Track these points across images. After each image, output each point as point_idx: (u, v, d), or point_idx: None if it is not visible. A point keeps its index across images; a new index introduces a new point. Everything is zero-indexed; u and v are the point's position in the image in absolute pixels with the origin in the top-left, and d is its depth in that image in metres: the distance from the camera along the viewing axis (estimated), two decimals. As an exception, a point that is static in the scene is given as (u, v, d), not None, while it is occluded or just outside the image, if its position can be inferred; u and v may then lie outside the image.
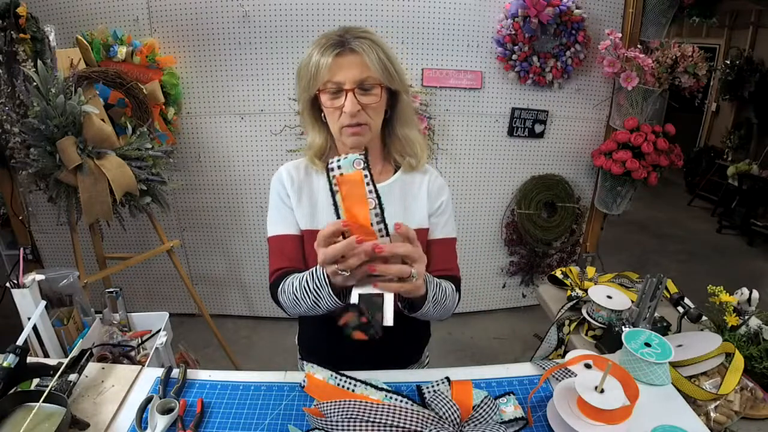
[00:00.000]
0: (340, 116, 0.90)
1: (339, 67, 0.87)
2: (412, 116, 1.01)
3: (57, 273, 1.27)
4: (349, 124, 0.90)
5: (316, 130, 0.99)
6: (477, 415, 0.86)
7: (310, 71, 0.89)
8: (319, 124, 0.99)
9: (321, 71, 0.87)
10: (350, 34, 0.88)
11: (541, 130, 2.58)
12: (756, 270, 3.85)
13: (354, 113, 0.88)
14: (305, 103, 0.96)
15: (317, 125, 0.99)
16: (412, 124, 1.01)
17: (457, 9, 2.31)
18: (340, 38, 0.87)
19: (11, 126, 1.62)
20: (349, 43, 0.87)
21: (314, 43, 0.90)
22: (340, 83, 0.87)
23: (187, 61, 2.33)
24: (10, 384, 0.86)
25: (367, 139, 0.94)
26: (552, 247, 2.84)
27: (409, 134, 1.00)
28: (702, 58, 2.34)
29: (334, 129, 0.94)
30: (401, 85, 0.94)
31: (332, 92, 0.89)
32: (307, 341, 1.17)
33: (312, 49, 0.90)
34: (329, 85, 0.88)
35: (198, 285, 2.78)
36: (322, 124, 0.98)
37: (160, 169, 1.83)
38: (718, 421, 0.98)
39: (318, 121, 0.98)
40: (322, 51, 0.87)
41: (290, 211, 1.00)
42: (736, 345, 1.10)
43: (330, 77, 0.87)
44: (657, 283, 1.18)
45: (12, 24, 1.66)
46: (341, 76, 0.87)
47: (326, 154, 1.01)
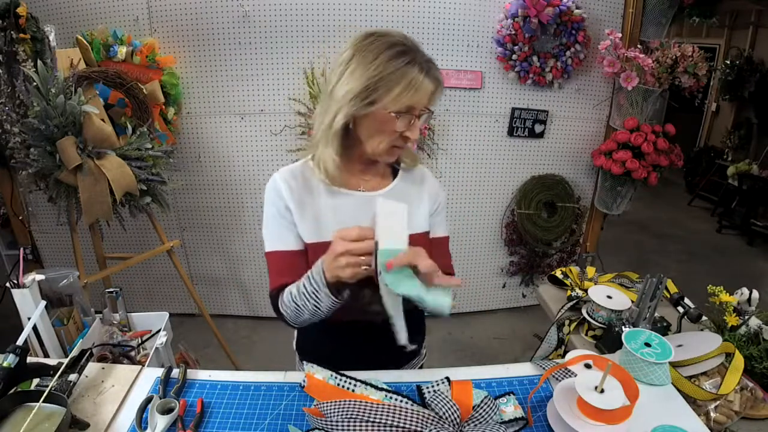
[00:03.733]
0: (397, 138, 0.88)
1: (430, 93, 0.85)
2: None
3: (57, 273, 1.27)
4: (402, 145, 0.89)
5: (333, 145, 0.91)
6: (477, 415, 0.86)
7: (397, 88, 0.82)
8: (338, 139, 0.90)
9: (420, 93, 0.84)
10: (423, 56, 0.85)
11: (541, 130, 2.58)
12: (756, 270, 3.85)
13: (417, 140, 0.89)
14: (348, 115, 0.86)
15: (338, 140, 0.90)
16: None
17: (457, 9, 2.31)
18: (424, 58, 0.85)
19: (11, 126, 1.62)
20: (433, 72, 0.85)
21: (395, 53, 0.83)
22: (415, 107, 0.85)
23: (187, 61, 2.33)
24: (10, 384, 0.86)
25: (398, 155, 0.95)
26: (552, 247, 2.84)
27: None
28: (702, 58, 2.34)
29: (378, 147, 0.89)
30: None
31: (407, 115, 0.86)
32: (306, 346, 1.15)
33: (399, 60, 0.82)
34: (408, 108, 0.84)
35: (198, 285, 2.78)
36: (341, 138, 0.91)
37: (160, 169, 1.83)
38: (718, 421, 0.98)
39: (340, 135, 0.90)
40: (425, 71, 0.83)
41: (291, 226, 0.95)
42: (736, 345, 1.10)
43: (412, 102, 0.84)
44: (657, 283, 1.18)
45: (12, 24, 1.66)
46: (420, 102, 0.85)
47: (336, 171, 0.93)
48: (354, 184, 0.97)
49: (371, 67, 0.83)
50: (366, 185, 0.98)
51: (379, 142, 0.89)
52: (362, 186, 0.98)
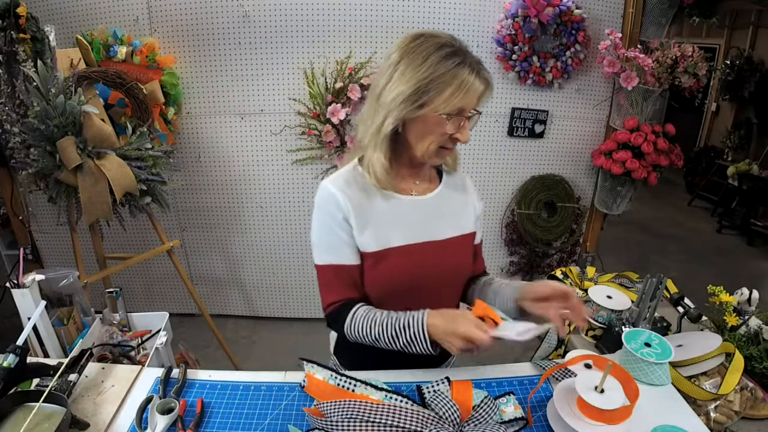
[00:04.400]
0: (446, 139, 0.88)
1: (480, 94, 0.86)
2: None
3: (57, 273, 1.27)
4: (452, 147, 0.90)
5: (382, 149, 0.90)
6: (477, 415, 0.86)
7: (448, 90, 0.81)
8: (388, 142, 0.90)
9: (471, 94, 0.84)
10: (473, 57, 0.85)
11: (541, 130, 2.58)
12: (756, 270, 3.85)
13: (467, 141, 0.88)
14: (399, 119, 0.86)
15: (387, 143, 0.89)
16: None
17: (457, 9, 2.31)
18: (473, 59, 0.84)
19: (11, 126, 1.62)
20: (483, 73, 0.85)
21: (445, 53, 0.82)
22: (466, 109, 0.85)
23: (187, 61, 2.33)
24: (10, 384, 0.86)
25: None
26: (552, 247, 2.84)
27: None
28: (702, 58, 2.34)
29: (427, 149, 0.88)
30: None
31: (458, 117, 0.85)
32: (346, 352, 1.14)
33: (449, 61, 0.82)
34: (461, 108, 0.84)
35: (198, 285, 2.78)
36: (390, 142, 0.90)
37: (160, 169, 1.83)
38: (718, 421, 0.98)
39: (389, 138, 0.89)
40: (475, 72, 0.83)
41: (348, 238, 0.92)
42: (736, 345, 1.10)
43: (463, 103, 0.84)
44: (657, 283, 1.18)
45: (12, 24, 1.66)
46: (471, 104, 0.85)
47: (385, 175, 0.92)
48: (405, 188, 0.97)
49: (421, 69, 0.82)
50: (416, 189, 0.99)
51: (428, 144, 0.88)
52: (413, 190, 0.98)
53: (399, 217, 0.95)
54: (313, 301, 2.82)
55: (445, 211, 0.99)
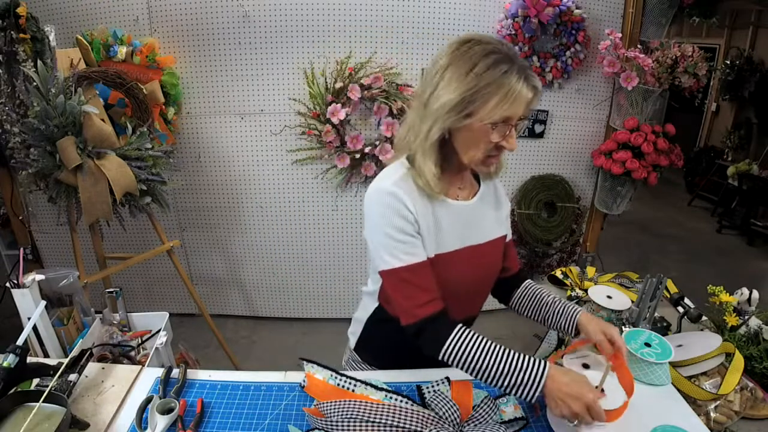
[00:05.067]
0: (493, 147, 0.86)
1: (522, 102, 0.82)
2: None
3: (57, 273, 1.27)
4: (497, 155, 0.88)
5: (432, 157, 0.88)
6: (477, 415, 0.86)
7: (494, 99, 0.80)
8: (436, 150, 0.88)
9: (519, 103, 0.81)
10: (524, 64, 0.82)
11: (541, 130, 2.58)
12: (756, 270, 3.85)
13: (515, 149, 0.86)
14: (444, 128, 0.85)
15: (435, 150, 0.88)
16: None
17: (457, 9, 2.31)
18: (521, 64, 0.81)
19: (11, 126, 1.62)
20: (532, 80, 0.82)
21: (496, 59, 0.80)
22: (512, 117, 0.82)
23: (187, 61, 2.33)
24: (10, 384, 0.86)
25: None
26: (552, 247, 2.84)
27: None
28: (702, 58, 2.34)
29: (474, 157, 0.87)
30: None
31: (504, 125, 0.83)
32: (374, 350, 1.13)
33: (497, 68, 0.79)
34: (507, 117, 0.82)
35: (198, 285, 2.78)
36: (438, 149, 0.89)
37: (160, 169, 1.83)
38: (718, 421, 0.98)
39: (437, 146, 0.88)
40: (523, 79, 0.80)
41: (418, 238, 0.90)
42: (736, 345, 1.10)
43: (510, 112, 0.81)
44: (657, 283, 1.18)
45: (12, 24, 1.66)
46: (518, 111, 0.82)
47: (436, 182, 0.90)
48: (452, 193, 0.98)
49: (468, 78, 0.80)
50: (461, 194, 0.99)
51: (475, 152, 0.87)
52: (459, 195, 0.99)
53: (449, 222, 0.95)
54: (313, 301, 2.82)
55: (485, 214, 1.02)
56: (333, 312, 2.85)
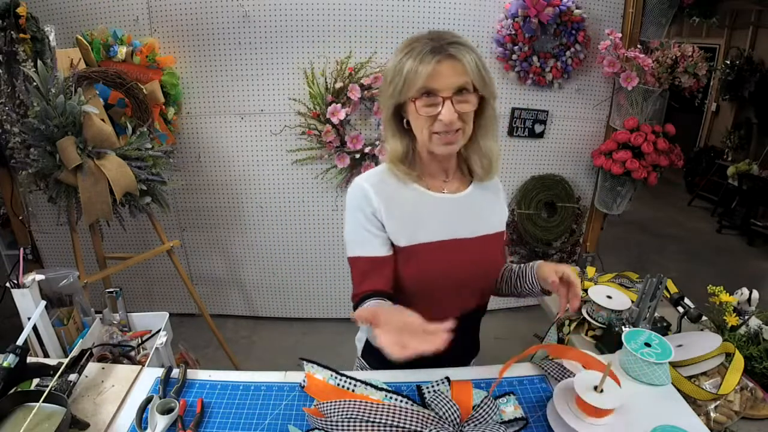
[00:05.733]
0: (432, 123, 0.87)
1: (437, 75, 0.84)
2: (496, 126, 1.00)
3: (57, 273, 1.27)
4: (444, 130, 0.87)
5: (396, 137, 0.96)
6: (477, 415, 0.86)
7: (404, 77, 0.85)
8: (400, 131, 0.95)
9: (418, 78, 0.84)
10: (445, 40, 0.85)
11: (541, 130, 2.58)
12: (756, 270, 3.85)
13: (451, 122, 0.86)
14: (390, 109, 0.93)
15: (399, 132, 0.95)
16: (495, 135, 0.99)
17: (457, 9, 2.31)
18: (435, 43, 0.84)
19: (11, 126, 1.62)
20: (447, 49, 0.84)
21: (403, 48, 0.87)
22: (437, 90, 0.85)
23: (187, 61, 2.33)
24: (10, 384, 0.86)
25: (458, 147, 0.93)
26: (552, 247, 2.84)
27: (491, 146, 0.99)
28: (702, 58, 2.34)
29: (422, 135, 0.90)
30: (492, 91, 0.92)
31: (427, 100, 0.86)
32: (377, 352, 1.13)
33: (402, 55, 0.86)
34: (425, 92, 0.85)
35: (198, 285, 2.78)
36: (403, 131, 0.95)
37: (160, 169, 1.83)
38: (718, 421, 0.98)
39: (399, 128, 0.95)
40: (421, 58, 0.83)
41: (378, 231, 0.95)
42: (736, 345, 1.10)
43: (427, 84, 0.84)
44: (657, 283, 1.18)
45: (12, 24, 1.66)
46: (439, 83, 0.84)
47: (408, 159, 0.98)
48: (436, 186, 1.00)
49: (391, 65, 0.89)
50: (448, 188, 1.00)
51: (420, 131, 0.90)
52: (445, 189, 1.00)
53: (430, 214, 0.97)
54: (313, 301, 2.82)
55: (476, 210, 1.02)
56: (333, 312, 2.85)
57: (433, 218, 0.97)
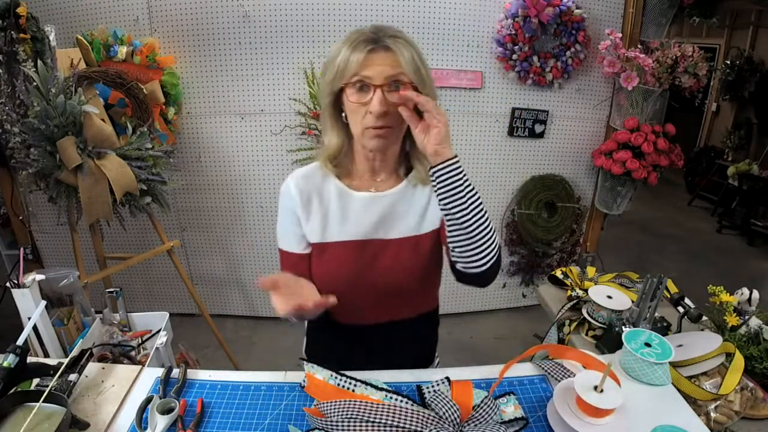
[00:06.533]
0: (364, 116, 0.86)
1: (370, 63, 0.83)
2: None
3: (57, 273, 1.27)
4: (374, 125, 0.85)
5: (334, 130, 0.94)
6: (477, 415, 0.86)
7: (337, 66, 0.85)
8: (338, 125, 0.94)
9: (350, 66, 0.83)
10: (383, 32, 0.85)
11: (542, 130, 2.58)
12: (756, 270, 3.84)
13: (381, 113, 0.83)
14: (327, 99, 0.91)
15: (336, 125, 0.94)
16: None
17: (457, 9, 2.31)
18: (373, 35, 0.84)
19: (11, 126, 1.62)
20: (383, 40, 0.84)
21: (344, 39, 0.86)
22: (369, 78, 0.83)
23: (187, 61, 2.33)
24: (10, 384, 0.86)
25: (389, 143, 0.91)
26: (552, 247, 2.84)
27: None
28: (702, 58, 2.34)
29: (356, 129, 0.89)
30: (431, 91, 0.89)
31: (359, 88, 0.84)
32: (316, 351, 1.15)
33: (341, 45, 0.86)
34: (357, 79, 0.84)
35: (198, 285, 2.78)
36: (341, 125, 0.93)
37: (160, 169, 1.83)
38: (718, 421, 0.98)
39: (338, 122, 0.93)
40: (354, 46, 0.83)
41: (296, 229, 0.97)
42: (737, 345, 1.10)
43: (359, 71, 0.83)
44: (657, 283, 1.18)
45: (12, 24, 1.66)
46: (371, 71, 0.83)
47: (341, 157, 0.97)
48: (366, 186, 0.98)
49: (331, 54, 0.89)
50: (378, 186, 0.98)
51: (354, 125, 0.89)
52: (373, 188, 0.98)
53: (348, 213, 0.96)
54: (313, 301, 2.82)
55: (401, 210, 0.97)
56: (333, 312, 2.85)
57: (349, 217, 0.95)
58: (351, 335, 1.04)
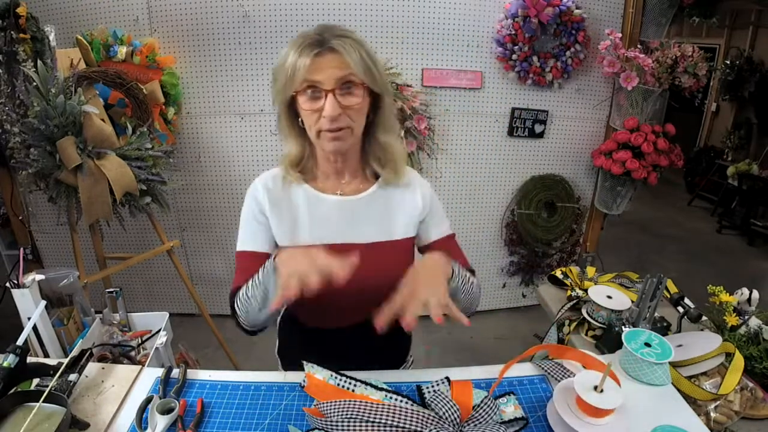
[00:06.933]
0: (318, 119, 0.84)
1: (318, 67, 0.81)
2: (394, 122, 0.97)
3: (57, 273, 1.27)
4: (329, 128, 0.84)
5: (292, 136, 0.94)
6: (477, 415, 0.86)
7: (286, 72, 0.83)
8: (296, 131, 0.93)
9: (298, 72, 0.81)
10: (330, 33, 0.82)
11: (541, 130, 2.58)
12: (756, 270, 3.85)
13: (334, 117, 0.82)
14: (281, 107, 0.91)
15: (294, 132, 0.93)
16: (393, 130, 0.96)
17: (457, 9, 2.31)
18: (319, 37, 0.82)
19: (11, 126, 1.62)
20: (329, 42, 0.81)
21: (291, 43, 0.84)
22: (319, 83, 0.82)
23: (187, 61, 2.33)
24: (10, 384, 0.86)
25: (348, 144, 0.89)
26: (552, 247, 2.84)
27: (390, 141, 0.95)
28: (702, 58, 2.34)
29: (312, 133, 0.88)
30: (384, 88, 0.89)
31: (310, 94, 0.83)
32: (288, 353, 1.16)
33: (288, 49, 0.84)
34: (307, 85, 0.82)
35: (198, 285, 2.78)
36: (299, 130, 0.93)
37: (160, 169, 1.83)
38: (718, 421, 0.98)
39: (295, 128, 0.93)
40: (300, 50, 0.81)
41: (263, 229, 0.96)
42: (736, 345, 1.10)
43: (308, 76, 0.81)
44: (657, 283, 1.18)
45: (12, 24, 1.66)
46: (320, 75, 0.81)
47: (304, 162, 0.96)
48: (332, 188, 0.97)
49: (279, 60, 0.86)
50: (344, 189, 0.97)
51: (310, 129, 0.88)
52: (340, 190, 0.97)
53: (317, 216, 0.95)
54: (313, 301, 2.82)
55: (372, 214, 0.96)
56: (333, 312, 2.85)
57: (318, 221, 0.94)
58: (322, 338, 1.04)
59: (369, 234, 0.96)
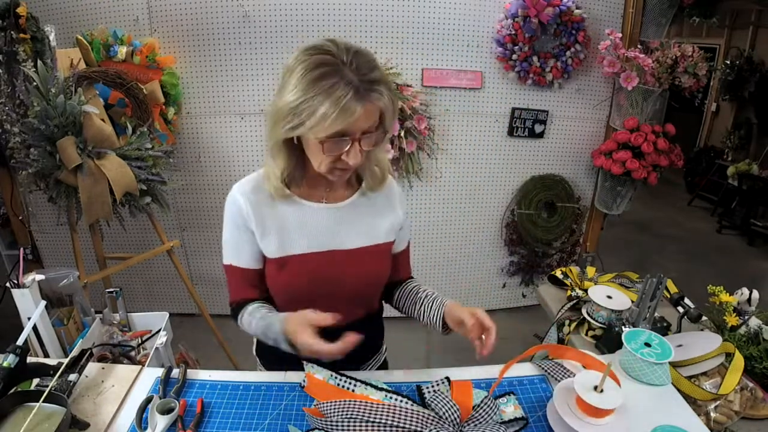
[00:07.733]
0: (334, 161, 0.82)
1: (352, 119, 0.76)
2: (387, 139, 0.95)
3: (57, 273, 1.27)
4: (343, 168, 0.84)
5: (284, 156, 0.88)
6: (477, 415, 0.86)
7: (317, 119, 0.75)
8: (290, 151, 0.88)
9: (335, 125, 0.75)
10: (364, 76, 0.75)
11: (541, 130, 2.58)
12: (756, 270, 3.85)
13: (357, 164, 0.82)
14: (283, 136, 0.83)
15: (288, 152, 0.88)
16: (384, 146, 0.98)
17: (457, 9, 2.31)
18: (356, 83, 0.74)
19: (11, 126, 1.62)
20: (369, 94, 0.76)
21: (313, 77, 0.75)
22: (349, 133, 0.79)
23: (187, 61, 2.33)
24: (10, 384, 0.86)
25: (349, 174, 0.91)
26: (552, 247, 2.84)
27: (381, 158, 0.97)
28: (702, 58, 2.34)
29: (318, 165, 0.85)
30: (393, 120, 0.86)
31: (336, 140, 0.79)
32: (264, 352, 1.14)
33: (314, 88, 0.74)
34: (334, 133, 0.77)
35: (198, 285, 2.77)
36: (293, 149, 0.88)
37: (160, 169, 1.83)
38: (718, 421, 0.98)
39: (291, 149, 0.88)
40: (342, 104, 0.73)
41: (249, 244, 0.94)
42: (736, 345, 1.10)
43: (339, 129, 0.76)
44: (657, 283, 1.18)
45: (12, 24, 1.66)
46: (354, 126, 0.78)
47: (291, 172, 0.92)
48: (317, 196, 0.96)
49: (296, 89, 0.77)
50: (329, 197, 0.96)
51: (318, 163, 0.84)
52: (325, 198, 0.96)
53: (304, 225, 0.94)
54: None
55: (357, 219, 0.97)
56: (333, 312, 2.85)
57: (306, 229, 0.94)
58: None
59: (355, 240, 0.97)
